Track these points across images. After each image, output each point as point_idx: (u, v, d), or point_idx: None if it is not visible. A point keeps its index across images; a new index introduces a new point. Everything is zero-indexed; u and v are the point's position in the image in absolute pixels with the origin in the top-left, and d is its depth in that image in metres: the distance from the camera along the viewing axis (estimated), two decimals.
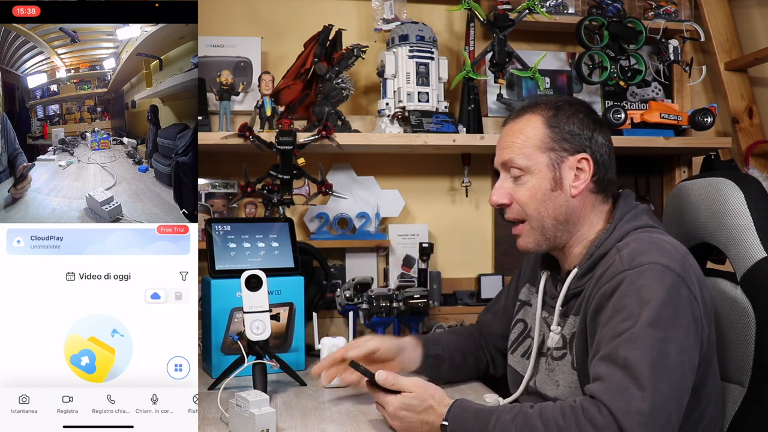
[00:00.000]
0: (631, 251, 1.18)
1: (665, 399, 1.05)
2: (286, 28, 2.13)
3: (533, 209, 1.30)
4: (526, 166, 1.30)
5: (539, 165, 1.29)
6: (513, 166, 1.31)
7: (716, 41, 2.23)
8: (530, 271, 1.50)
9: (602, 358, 1.10)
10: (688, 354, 1.10)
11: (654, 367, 1.05)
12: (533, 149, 1.30)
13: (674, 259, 1.15)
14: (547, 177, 1.29)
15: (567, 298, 1.30)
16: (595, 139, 1.30)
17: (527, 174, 1.30)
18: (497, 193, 1.34)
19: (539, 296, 1.38)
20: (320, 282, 1.98)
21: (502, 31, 2.02)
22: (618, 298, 1.14)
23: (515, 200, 1.32)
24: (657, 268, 1.13)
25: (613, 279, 1.16)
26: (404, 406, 1.21)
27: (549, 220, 1.30)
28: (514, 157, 1.31)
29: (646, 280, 1.12)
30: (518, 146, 1.31)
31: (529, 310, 1.45)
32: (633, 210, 1.30)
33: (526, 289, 1.49)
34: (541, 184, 1.29)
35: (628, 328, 1.09)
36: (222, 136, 1.86)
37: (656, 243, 1.19)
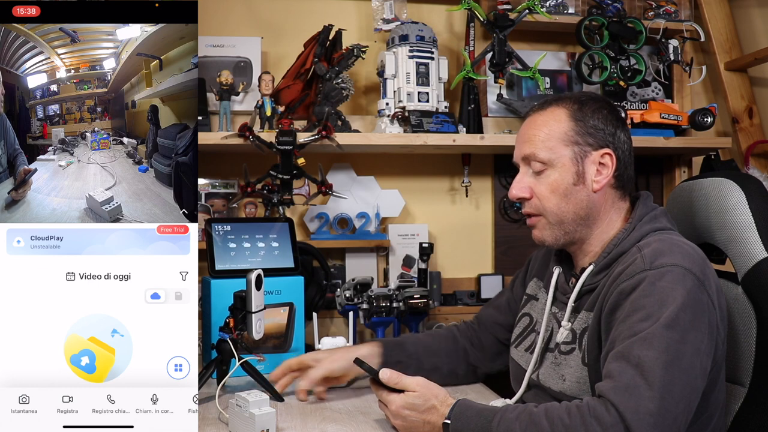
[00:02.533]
0: (652, 251, 1.17)
1: (675, 401, 1.04)
2: (286, 28, 2.12)
3: (554, 204, 1.28)
4: (548, 160, 1.28)
5: (562, 158, 1.28)
6: (535, 160, 1.29)
7: (716, 41, 2.23)
8: (539, 265, 1.49)
9: (615, 356, 1.09)
10: (702, 359, 1.10)
11: (667, 369, 1.05)
12: (557, 142, 1.28)
13: (695, 263, 1.15)
14: (570, 171, 1.28)
15: (580, 293, 1.29)
16: (617, 136, 1.30)
17: (550, 168, 1.28)
18: (518, 187, 1.31)
19: (550, 291, 1.37)
20: (320, 282, 1.98)
21: (502, 31, 2.02)
22: (637, 297, 1.13)
23: (536, 194, 1.30)
24: (679, 271, 1.13)
25: (632, 278, 1.16)
26: (407, 406, 1.20)
27: (569, 214, 1.28)
28: (536, 151, 1.29)
29: (667, 282, 1.12)
30: (541, 139, 1.29)
31: (535, 304, 1.44)
32: (653, 212, 1.30)
33: (533, 283, 1.48)
34: (564, 178, 1.28)
35: (646, 328, 1.09)
36: (222, 136, 1.86)
37: (678, 245, 1.18)
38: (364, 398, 1.45)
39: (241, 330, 1.44)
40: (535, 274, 1.49)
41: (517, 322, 1.48)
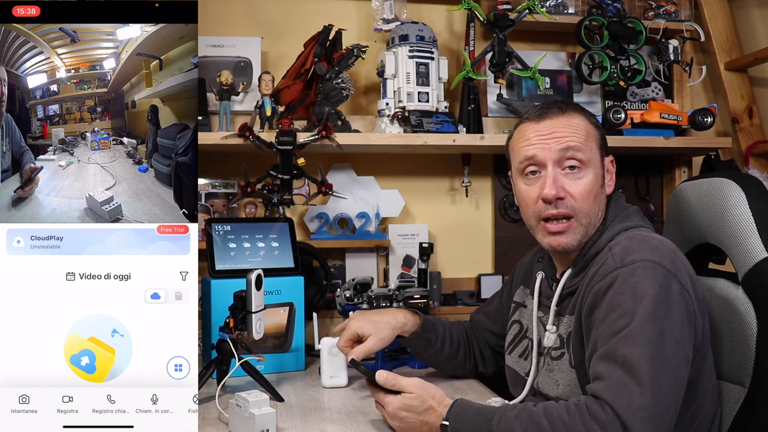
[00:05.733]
0: (622, 249, 1.20)
1: (664, 392, 1.06)
2: (286, 28, 2.12)
3: (589, 205, 1.28)
4: (588, 159, 1.28)
5: (596, 160, 1.30)
6: (575, 158, 1.27)
7: (716, 41, 2.23)
8: (524, 273, 1.51)
9: (601, 357, 1.11)
10: (683, 347, 1.12)
11: (652, 362, 1.07)
12: (594, 144, 1.30)
13: (664, 256, 1.17)
14: (599, 173, 1.30)
15: (561, 297, 1.31)
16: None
17: (586, 168, 1.28)
18: (554, 186, 1.26)
19: (535, 297, 1.39)
20: (320, 282, 1.97)
21: (502, 31, 2.02)
22: (612, 295, 1.15)
23: (569, 194, 1.27)
24: (648, 265, 1.15)
25: (606, 277, 1.18)
26: (404, 407, 1.21)
27: (594, 217, 1.29)
28: (579, 147, 1.27)
29: (638, 277, 1.14)
30: (581, 138, 1.28)
31: (524, 311, 1.46)
32: (624, 211, 1.33)
33: (520, 290, 1.50)
34: (597, 180, 1.29)
35: (625, 325, 1.11)
36: (222, 136, 1.86)
37: (646, 241, 1.20)
38: (364, 398, 1.45)
39: (241, 330, 1.44)
40: (522, 282, 1.51)
41: (508, 330, 1.50)
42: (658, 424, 1.04)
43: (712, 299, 1.38)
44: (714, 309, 1.37)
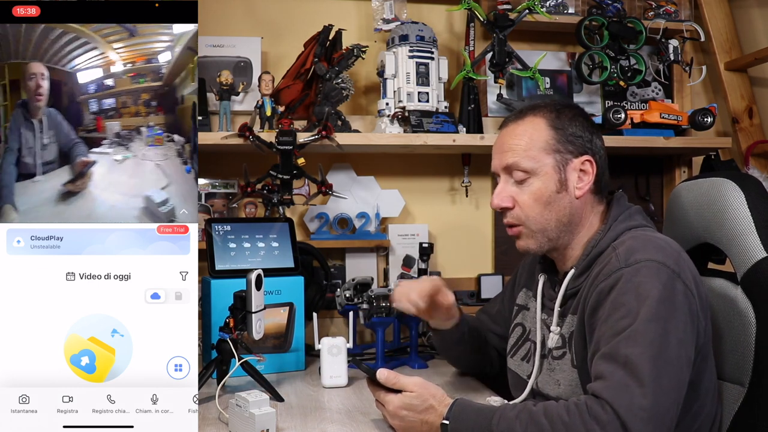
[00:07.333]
0: (626, 249, 1.20)
1: (665, 393, 1.06)
2: (286, 28, 2.12)
3: (537, 212, 1.29)
4: (531, 169, 1.29)
5: (545, 167, 1.29)
6: (518, 169, 1.30)
7: (716, 41, 2.23)
8: (527, 275, 1.51)
9: (603, 357, 1.11)
10: (686, 348, 1.12)
11: (654, 363, 1.07)
12: (539, 151, 1.29)
13: (668, 256, 1.17)
14: (553, 179, 1.29)
15: (565, 298, 1.31)
16: (594, 142, 1.32)
17: (532, 176, 1.29)
18: (499, 197, 1.32)
19: (538, 299, 1.39)
20: (320, 282, 1.98)
21: (502, 31, 2.02)
22: (616, 295, 1.15)
23: (518, 203, 1.31)
24: (652, 265, 1.15)
25: (609, 277, 1.18)
26: (405, 406, 1.21)
27: (552, 222, 1.30)
28: (519, 160, 1.29)
29: (642, 277, 1.14)
30: (523, 148, 1.30)
31: (527, 314, 1.46)
32: (627, 210, 1.32)
33: (523, 293, 1.50)
34: (547, 186, 1.29)
35: (628, 325, 1.11)
36: (222, 136, 1.86)
37: (651, 240, 1.20)
38: (364, 398, 1.45)
39: (241, 330, 1.44)
40: (524, 285, 1.51)
41: (511, 333, 1.50)
42: (658, 424, 1.04)
43: (711, 299, 1.38)
44: (714, 309, 1.37)
